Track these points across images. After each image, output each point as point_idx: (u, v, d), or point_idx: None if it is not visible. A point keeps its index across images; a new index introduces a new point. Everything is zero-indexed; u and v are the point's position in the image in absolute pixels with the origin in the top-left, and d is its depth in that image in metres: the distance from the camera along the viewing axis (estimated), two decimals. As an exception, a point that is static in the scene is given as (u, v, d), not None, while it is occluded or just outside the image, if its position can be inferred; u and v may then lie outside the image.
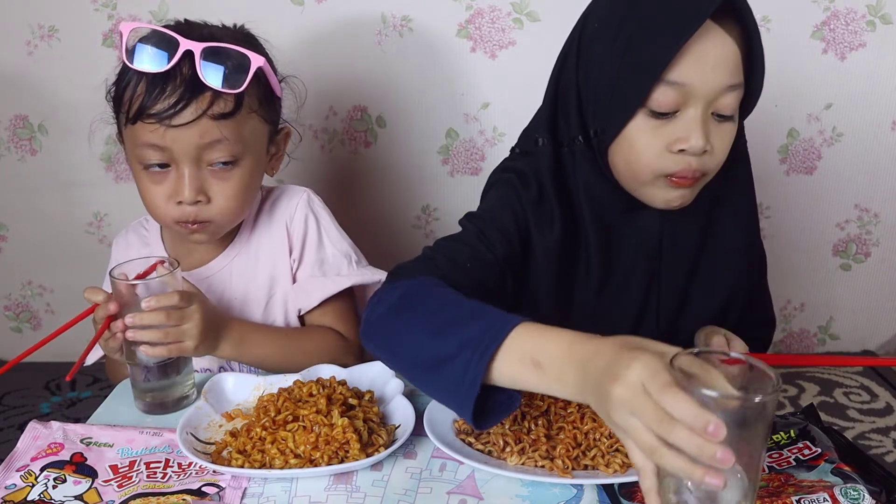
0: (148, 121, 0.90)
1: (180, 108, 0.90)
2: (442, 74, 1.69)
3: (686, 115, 0.85)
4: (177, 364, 0.92)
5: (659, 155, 0.86)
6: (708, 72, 0.83)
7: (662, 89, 0.83)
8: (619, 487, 0.75)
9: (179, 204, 0.95)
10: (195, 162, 0.94)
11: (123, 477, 0.79)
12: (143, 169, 0.95)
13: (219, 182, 0.96)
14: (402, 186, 1.80)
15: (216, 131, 0.92)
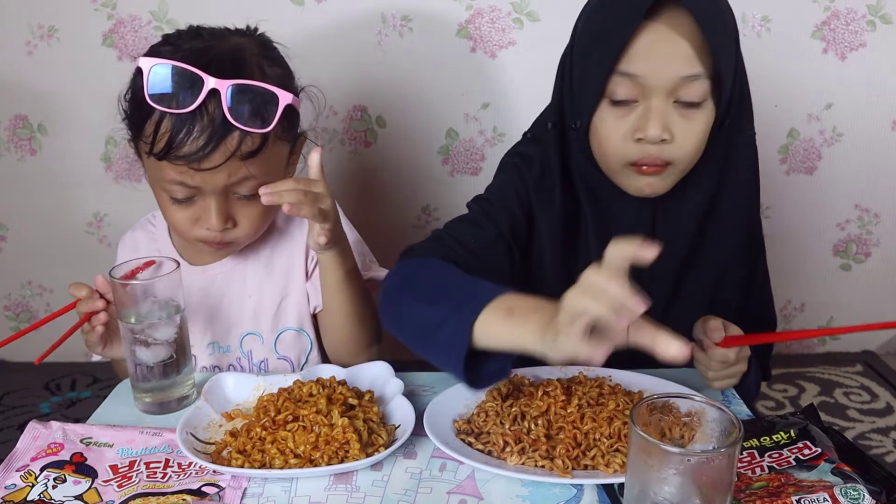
0: (176, 162, 0.89)
1: (209, 150, 0.88)
2: (442, 74, 1.69)
3: (644, 104, 0.89)
4: (177, 364, 0.92)
5: (622, 142, 0.91)
6: (658, 63, 0.87)
7: (618, 79, 0.88)
8: (619, 487, 0.75)
9: (205, 228, 0.96)
10: (222, 195, 0.94)
11: (123, 477, 0.79)
12: (167, 196, 0.95)
13: (244, 208, 0.97)
14: (402, 186, 1.80)
15: (244, 170, 0.91)
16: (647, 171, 0.91)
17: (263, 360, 1.08)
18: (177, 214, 0.96)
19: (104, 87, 1.69)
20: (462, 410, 0.88)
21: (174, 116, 0.87)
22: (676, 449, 0.59)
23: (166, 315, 0.90)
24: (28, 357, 2.01)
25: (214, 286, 1.07)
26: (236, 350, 1.08)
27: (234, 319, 1.07)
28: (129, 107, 0.94)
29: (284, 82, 0.96)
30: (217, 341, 1.08)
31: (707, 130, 0.91)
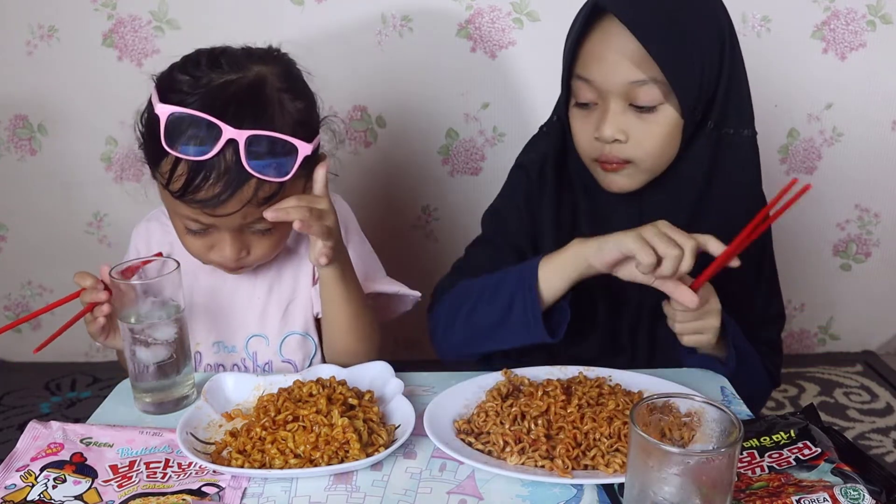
0: (192, 205, 0.89)
1: (224, 199, 0.88)
2: (442, 74, 1.69)
3: (601, 106, 0.95)
4: (177, 364, 0.92)
5: (586, 140, 0.98)
6: (607, 69, 0.92)
7: (577, 83, 0.96)
8: (619, 487, 0.75)
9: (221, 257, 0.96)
10: (237, 231, 0.94)
11: (123, 477, 0.79)
12: (182, 225, 0.96)
13: (259, 240, 0.97)
14: (402, 186, 1.80)
15: (258, 213, 0.90)
16: (608, 169, 0.98)
17: (268, 363, 1.08)
18: (191, 242, 0.97)
19: (104, 87, 1.70)
20: (462, 410, 0.88)
21: (191, 163, 0.87)
22: (676, 449, 0.59)
23: (166, 315, 0.90)
24: (28, 357, 2.01)
25: (225, 286, 1.07)
26: (241, 350, 1.08)
27: (241, 320, 1.07)
28: (145, 139, 0.93)
29: (307, 117, 0.94)
30: (223, 340, 1.08)
31: (670, 132, 0.94)
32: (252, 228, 0.95)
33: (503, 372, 0.93)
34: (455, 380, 0.94)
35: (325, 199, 0.92)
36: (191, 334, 1.02)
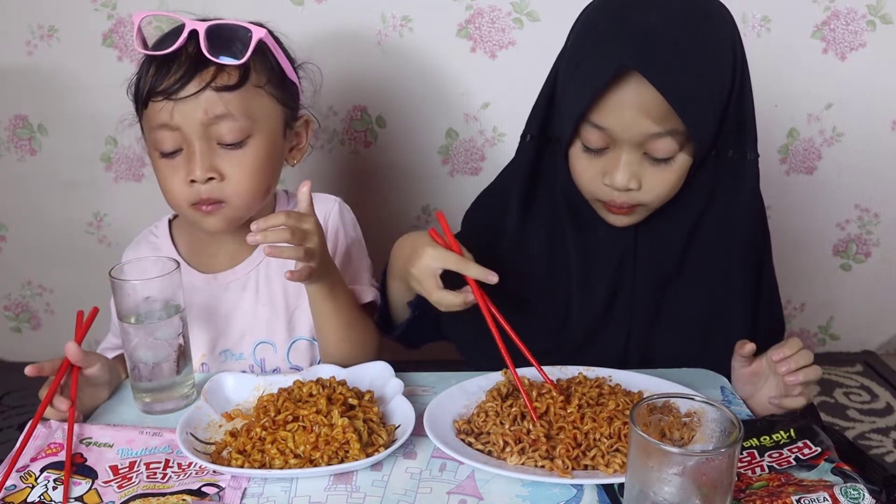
0: (156, 99, 0.92)
1: (183, 81, 0.91)
2: (442, 74, 1.69)
3: (613, 153, 0.90)
4: (177, 364, 0.92)
5: (592, 181, 0.93)
6: (627, 120, 0.86)
7: (588, 128, 0.89)
8: (619, 487, 0.75)
9: (193, 184, 0.94)
10: (204, 139, 0.94)
11: (123, 478, 0.79)
12: (159, 156, 0.96)
13: (231, 160, 0.96)
14: (402, 186, 1.79)
15: (220, 105, 0.93)
16: (615, 211, 0.94)
17: (276, 369, 1.08)
18: (168, 177, 0.96)
19: (104, 87, 1.70)
20: (462, 410, 0.88)
21: (158, 60, 0.92)
22: (676, 449, 0.59)
23: (166, 315, 0.90)
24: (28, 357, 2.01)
25: (227, 294, 1.06)
26: (249, 357, 1.07)
27: (247, 328, 1.07)
28: (133, 81, 0.97)
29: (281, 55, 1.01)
30: (230, 349, 1.07)
31: (682, 176, 0.92)
32: (219, 135, 0.94)
33: (503, 372, 0.93)
34: (455, 380, 0.94)
35: (311, 219, 0.92)
36: (196, 345, 1.03)
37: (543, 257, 1.03)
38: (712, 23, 0.88)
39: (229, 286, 1.06)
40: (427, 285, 0.93)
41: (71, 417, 0.84)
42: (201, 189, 0.95)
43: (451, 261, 0.91)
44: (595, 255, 1.00)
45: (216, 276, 1.07)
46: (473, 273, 0.90)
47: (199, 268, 1.07)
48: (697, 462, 0.59)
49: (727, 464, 0.59)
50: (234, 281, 1.07)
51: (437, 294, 0.92)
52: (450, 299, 0.91)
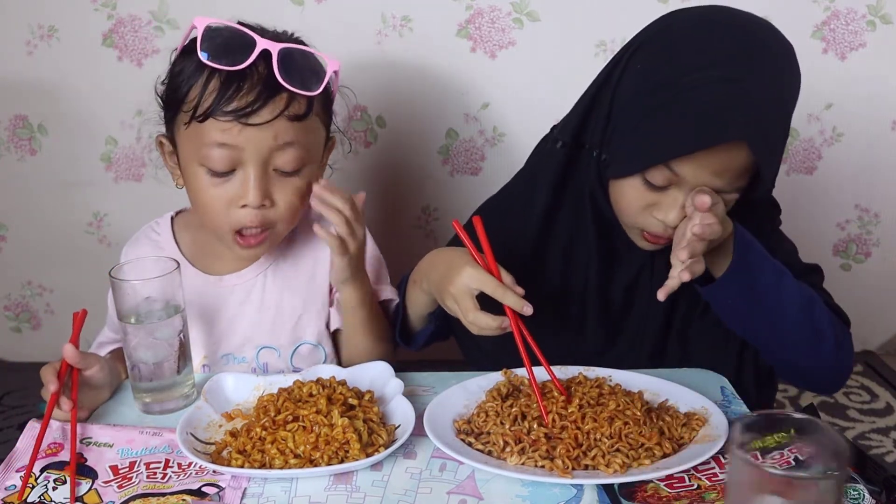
0: (222, 118, 0.88)
1: (258, 106, 0.88)
2: (442, 74, 1.69)
3: (673, 192, 0.89)
4: (177, 364, 0.92)
5: (639, 213, 0.92)
6: (706, 177, 0.87)
7: (661, 169, 0.88)
8: (619, 487, 0.75)
9: (243, 207, 0.92)
10: (263, 165, 0.91)
11: (123, 478, 0.79)
12: (206, 172, 0.92)
13: (284, 187, 0.94)
14: (402, 186, 1.80)
15: (290, 133, 0.91)
16: (654, 241, 0.94)
17: (279, 373, 1.04)
18: (212, 195, 0.92)
19: (104, 88, 1.70)
20: (462, 410, 0.88)
21: (223, 74, 0.87)
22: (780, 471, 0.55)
23: (166, 315, 0.90)
24: (28, 357, 2.01)
25: (232, 297, 1.05)
26: (252, 361, 1.06)
27: (251, 332, 1.06)
28: (169, 82, 0.94)
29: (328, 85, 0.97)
30: (232, 353, 1.06)
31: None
32: (276, 166, 0.92)
33: (503, 372, 0.93)
34: (455, 380, 0.94)
35: (361, 228, 0.95)
36: (197, 348, 1.02)
37: (563, 262, 1.02)
38: (796, 76, 0.89)
39: (234, 289, 1.05)
40: (464, 305, 0.89)
41: (73, 418, 0.84)
42: (251, 214, 0.93)
43: (490, 286, 0.87)
44: (615, 264, 1.01)
45: (221, 279, 1.05)
46: (510, 302, 0.86)
47: (203, 269, 1.06)
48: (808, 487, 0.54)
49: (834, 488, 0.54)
50: (240, 285, 1.06)
51: (472, 315, 0.88)
52: (486, 321, 0.87)
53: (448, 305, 0.92)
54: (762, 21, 0.90)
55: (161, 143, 1.00)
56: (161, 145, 1.00)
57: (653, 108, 0.88)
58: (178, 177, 0.99)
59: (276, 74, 0.88)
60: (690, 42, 0.88)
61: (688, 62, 0.87)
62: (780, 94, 0.87)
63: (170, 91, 0.94)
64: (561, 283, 1.03)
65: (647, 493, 0.74)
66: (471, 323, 0.89)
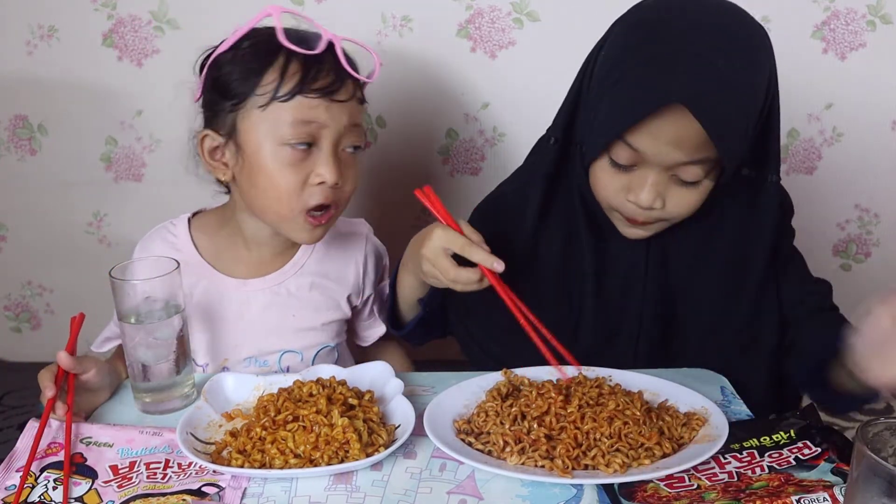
0: (311, 95, 0.93)
1: (339, 86, 0.95)
2: (442, 74, 1.69)
3: (640, 171, 0.90)
4: (177, 364, 0.92)
5: (614, 195, 0.93)
6: (662, 147, 0.86)
7: (621, 146, 0.89)
8: (619, 487, 0.75)
9: (319, 185, 0.96)
10: (336, 145, 0.97)
11: (123, 478, 0.79)
12: (287, 149, 0.95)
13: (349, 167, 1.01)
14: (402, 186, 1.79)
15: (358, 114, 0.99)
16: (634, 223, 0.94)
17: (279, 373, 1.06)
18: (288, 175, 0.95)
19: (104, 87, 1.70)
20: (462, 410, 0.88)
21: (301, 57, 0.94)
22: None
23: (166, 315, 0.90)
24: (28, 357, 2.01)
25: (256, 301, 1.07)
26: (274, 365, 1.08)
27: (275, 336, 1.07)
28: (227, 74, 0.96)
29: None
30: (255, 356, 1.07)
31: (704, 196, 0.92)
32: (346, 143, 0.99)
33: (503, 372, 0.93)
34: (455, 380, 0.94)
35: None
36: (220, 350, 1.06)
37: (558, 259, 1.03)
38: (758, 54, 0.88)
39: (259, 294, 1.06)
40: (441, 265, 0.91)
41: (68, 422, 0.84)
42: (326, 191, 0.97)
43: (458, 243, 0.90)
44: (610, 261, 1.01)
45: (246, 282, 1.06)
46: (478, 258, 0.89)
47: (228, 272, 1.07)
48: None
49: None
50: (265, 289, 1.07)
51: (453, 273, 0.90)
52: (466, 276, 0.90)
53: (426, 272, 0.94)
54: (729, 6, 0.89)
55: (203, 139, 0.99)
56: (203, 141, 0.99)
57: (608, 87, 0.89)
58: (225, 171, 1.00)
59: (343, 62, 0.97)
60: (650, 25, 0.89)
61: (644, 43, 0.87)
62: (729, 61, 0.84)
63: (228, 84, 0.96)
64: (557, 282, 1.03)
65: (647, 492, 0.74)
66: (452, 281, 0.91)
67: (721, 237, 0.99)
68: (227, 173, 1.00)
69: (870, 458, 0.55)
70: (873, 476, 0.55)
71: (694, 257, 1.00)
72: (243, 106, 0.95)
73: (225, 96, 0.96)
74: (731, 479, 0.75)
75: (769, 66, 0.89)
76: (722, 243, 0.99)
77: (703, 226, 0.98)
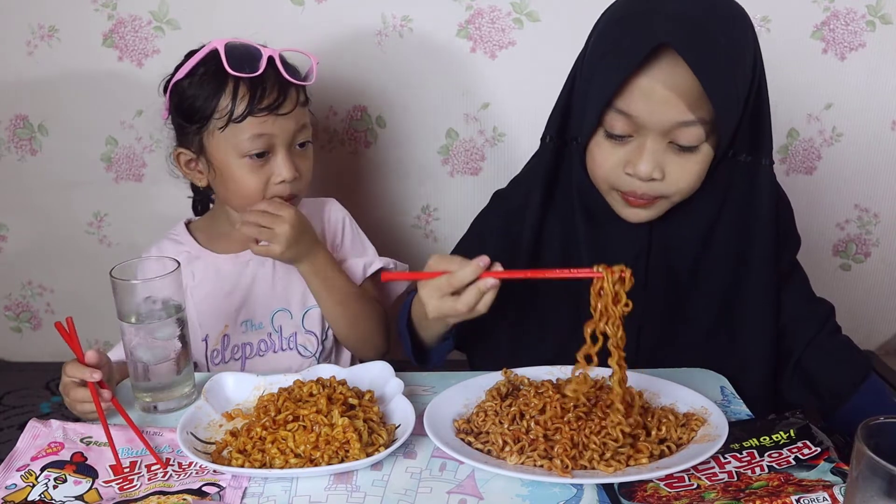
0: (259, 114, 1.08)
1: (282, 101, 1.09)
2: (442, 74, 1.69)
3: (637, 141, 0.89)
4: (177, 364, 0.92)
5: (612, 170, 0.92)
6: (655, 107, 0.85)
7: (613, 115, 0.88)
8: (619, 487, 0.75)
9: (280, 184, 1.12)
10: (289, 146, 1.12)
11: (124, 478, 0.79)
12: (247, 160, 1.10)
13: (303, 160, 1.15)
14: (402, 186, 1.79)
15: (303, 116, 1.14)
16: (634, 203, 0.93)
17: (293, 335, 1.21)
18: (252, 179, 1.11)
19: (104, 87, 1.70)
20: (462, 410, 0.88)
21: (248, 81, 1.08)
22: None
23: (166, 315, 0.90)
24: (28, 357, 2.01)
25: (248, 270, 1.20)
26: (268, 326, 1.20)
27: (266, 298, 1.20)
28: (189, 105, 1.11)
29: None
30: (250, 319, 1.20)
31: (705, 168, 0.91)
32: (297, 141, 1.13)
33: (503, 372, 0.93)
34: (455, 380, 0.94)
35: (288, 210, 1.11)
36: (220, 318, 1.18)
37: (558, 257, 1.03)
38: (738, 21, 0.88)
39: (249, 263, 1.19)
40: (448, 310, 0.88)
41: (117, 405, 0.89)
42: (286, 187, 1.13)
43: (444, 286, 0.86)
44: (608, 255, 1.00)
45: (237, 255, 1.20)
46: (468, 274, 0.85)
47: (220, 250, 1.21)
48: None
49: None
50: (253, 259, 1.19)
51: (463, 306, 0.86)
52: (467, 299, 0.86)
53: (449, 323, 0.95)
54: None
55: (178, 156, 1.16)
56: (178, 157, 1.16)
57: (595, 63, 0.90)
58: (201, 178, 1.17)
59: (283, 73, 1.09)
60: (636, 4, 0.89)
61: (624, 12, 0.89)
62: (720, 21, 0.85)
63: (191, 109, 1.11)
64: (557, 282, 1.03)
65: (646, 492, 0.74)
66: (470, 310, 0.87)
67: (722, 225, 0.98)
68: (202, 180, 1.17)
69: (870, 458, 0.55)
70: (873, 476, 0.55)
71: (696, 244, 0.99)
72: (206, 128, 1.11)
73: (189, 120, 1.12)
74: (731, 478, 0.75)
75: (752, 36, 0.89)
76: (723, 231, 0.99)
77: (705, 213, 0.97)
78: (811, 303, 1.06)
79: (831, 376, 1.00)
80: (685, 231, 0.98)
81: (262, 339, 1.20)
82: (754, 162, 0.96)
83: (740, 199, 0.97)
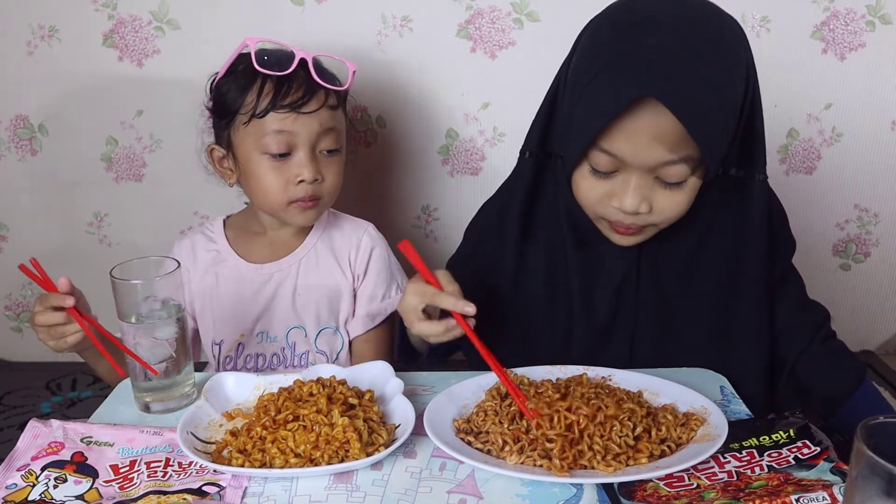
0: (281, 111, 1.10)
1: (306, 100, 1.11)
2: (442, 74, 1.69)
3: (623, 176, 0.88)
4: (177, 364, 0.92)
5: (598, 202, 0.91)
6: (641, 147, 0.84)
7: (597, 153, 0.86)
8: (619, 487, 0.75)
9: (300, 184, 1.13)
10: (312, 148, 1.13)
11: (124, 478, 0.79)
12: (268, 157, 1.12)
13: (328, 165, 1.16)
14: (402, 186, 1.80)
15: (331, 120, 1.14)
16: (622, 232, 0.93)
17: (305, 353, 1.23)
18: (274, 177, 1.13)
19: (104, 87, 1.70)
20: (462, 410, 0.88)
21: (275, 79, 1.10)
22: None
23: (167, 315, 0.90)
24: (28, 357, 2.01)
25: (271, 282, 1.22)
26: (282, 340, 1.22)
27: (284, 313, 1.22)
28: (219, 99, 1.14)
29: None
30: (266, 331, 1.22)
31: (692, 198, 0.90)
32: (322, 146, 1.14)
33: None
34: (455, 379, 0.94)
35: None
36: (237, 325, 1.21)
37: (545, 275, 1.02)
38: (727, 43, 0.85)
39: (273, 276, 1.22)
40: (408, 320, 0.94)
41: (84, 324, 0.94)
42: (307, 188, 1.14)
43: (428, 294, 0.90)
44: (597, 274, 0.99)
45: (262, 266, 1.22)
46: (447, 305, 0.89)
47: (249, 258, 1.23)
48: None
49: None
50: (278, 272, 1.22)
51: (416, 327, 0.92)
52: (429, 328, 0.92)
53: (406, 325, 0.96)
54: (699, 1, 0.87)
55: (211, 151, 1.19)
56: (211, 153, 1.20)
57: (579, 93, 0.87)
58: (230, 176, 1.19)
59: (314, 75, 1.11)
60: (617, 24, 0.86)
61: (611, 42, 0.85)
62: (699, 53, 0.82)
63: (223, 105, 1.14)
64: (546, 292, 1.02)
65: (646, 492, 0.74)
66: (418, 333, 0.93)
67: (713, 241, 0.98)
68: (232, 178, 1.19)
69: (869, 458, 0.55)
70: (872, 475, 0.55)
71: (687, 262, 0.99)
72: (233, 123, 1.13)
73: (221, 116, 1.15)
74: (731, 478, 0.75)
75: (745, 58, 0.86)
76: (715, 247, 0.98)
77: (695, 230, 0.96)
78: (804, 310, 1.05)
79: (825, 385, 1.00)
80: (675, 246, 0.98)
81: (275, 352, 1.22)
82: (747, 177, 0.95)
83: (732, 214, 0.97)
